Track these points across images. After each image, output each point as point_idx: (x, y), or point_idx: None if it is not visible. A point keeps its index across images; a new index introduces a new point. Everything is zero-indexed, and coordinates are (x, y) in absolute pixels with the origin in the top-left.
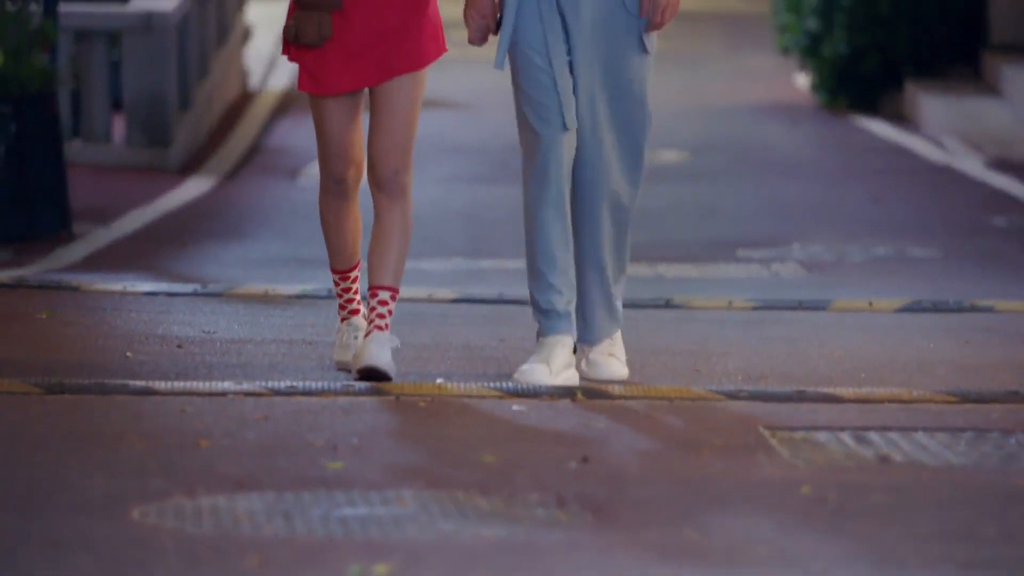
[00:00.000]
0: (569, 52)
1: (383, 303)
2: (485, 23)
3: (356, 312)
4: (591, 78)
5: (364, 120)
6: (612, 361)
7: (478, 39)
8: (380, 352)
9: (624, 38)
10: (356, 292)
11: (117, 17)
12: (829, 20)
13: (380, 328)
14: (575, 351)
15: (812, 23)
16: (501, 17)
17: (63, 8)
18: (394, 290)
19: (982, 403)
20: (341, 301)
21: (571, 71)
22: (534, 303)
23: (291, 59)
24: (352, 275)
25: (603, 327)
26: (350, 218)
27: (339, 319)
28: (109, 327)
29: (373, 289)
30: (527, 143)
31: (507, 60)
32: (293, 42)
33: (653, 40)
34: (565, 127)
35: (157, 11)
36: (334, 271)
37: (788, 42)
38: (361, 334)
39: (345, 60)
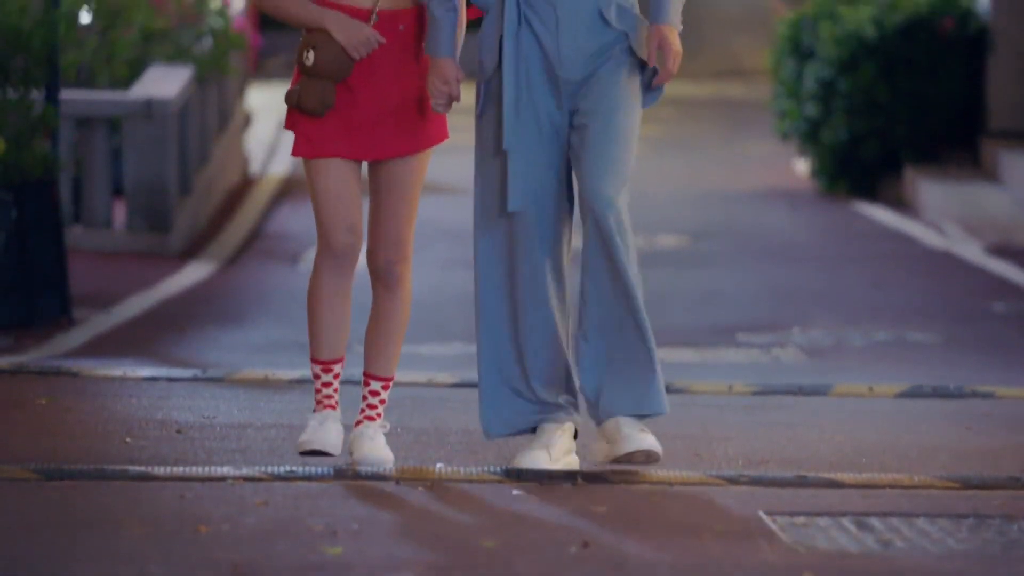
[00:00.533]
0: (558, 107)
1: (375, 393)
2: (447, 91)
3: (333, 407)
4: (583, 129)
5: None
6: (646, 436)
7: (442, 107)
8: (373, 448)
9: (624, 92)
10: (336, 390)
11: (118, 104)
12: (828, 106)
13: (371, 419)
14: (576, 435)
15: (811, 109)
16: (481, 89)
17: (64, 95)
18: (388, 379)
19: (984, 489)
20: (318, 396)
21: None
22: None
23: (288, 126)
24: (336, 369)
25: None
26: (343, 301)
27: (312, 408)
28: (109, 412)
29: (367, 377)
30: None
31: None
32: (295, 108)
33: (640, 93)
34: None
35: (158, 98)
36: (316, 361)
37: (788, 128)
38: (331, 426)
39: (345, 131)
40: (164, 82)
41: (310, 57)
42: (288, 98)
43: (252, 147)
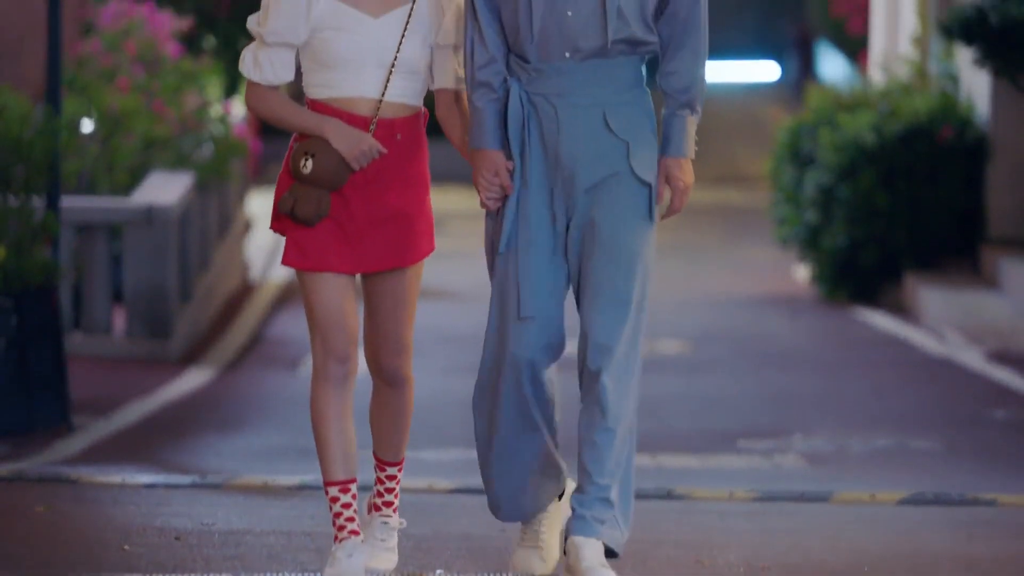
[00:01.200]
0: (568, 219)
1: (392, 477)
2: (499, 182)
3: (356, 533)
4: (589, 246)
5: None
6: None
7: (492, 201)
8: (379, 561)
9: (628, 207)
10: (356, 510)
11: (119, 211)
12: (828, 213)
13: (389, 505)
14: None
15: (811, 215)
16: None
17: (65, 202)
18: (399, 463)
19: None
20: (339, 521)
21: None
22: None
23: (277, 230)
24: (353, 488)
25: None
26: (347, 415)
27: (334, 538)
28: (107, 520)
29: (378, 462)
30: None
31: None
32: (287, 216)
33: (654, 207)
34: (520, 315)
35: (158, 205)
36: (331, 483)
37: (787, 234)
38: (359, 558)
39: (338, 242)
40: (165, 189)
41: (308, 165)
42: (282, 205)
43: (252, 253)
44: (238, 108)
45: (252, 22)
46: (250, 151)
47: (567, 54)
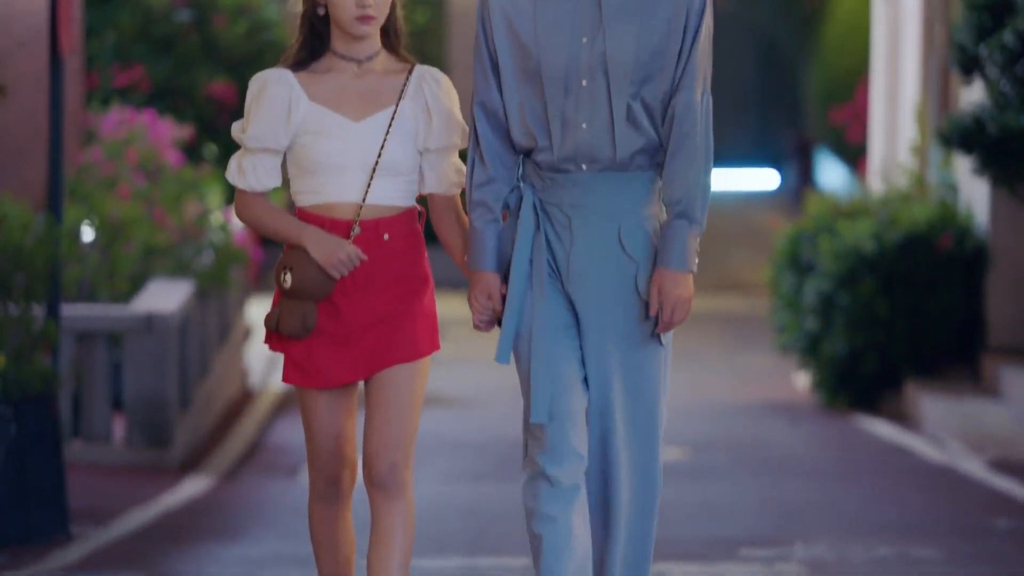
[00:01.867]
0: (580, 342)
1: None
2: (491, 305)
3: None
4: (603, 373)
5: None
6: None
7: (484, 324)
8: None
9: (637, 330)
10: None
11: (119, 319)
12: (828, 320)
13: None
14: None
15: (811, 323)
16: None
17: (65, 310)
18: None
19: None
20: None
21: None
22: None
23: (274, 348)
24: None
25: None
26: (344, 529)
27: None
28: None
29: None
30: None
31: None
32: (274, 331)
33: (668, 335)
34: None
35: (159, 313)
36: None
37: (787, 341)
38: None
39: (334, 351)
40: (165, 296)
41: (287, 279)
42: (267, 321)
43: (251, 360)
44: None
45: (236, 129)
46: (250, 259)
47: (584, 166)
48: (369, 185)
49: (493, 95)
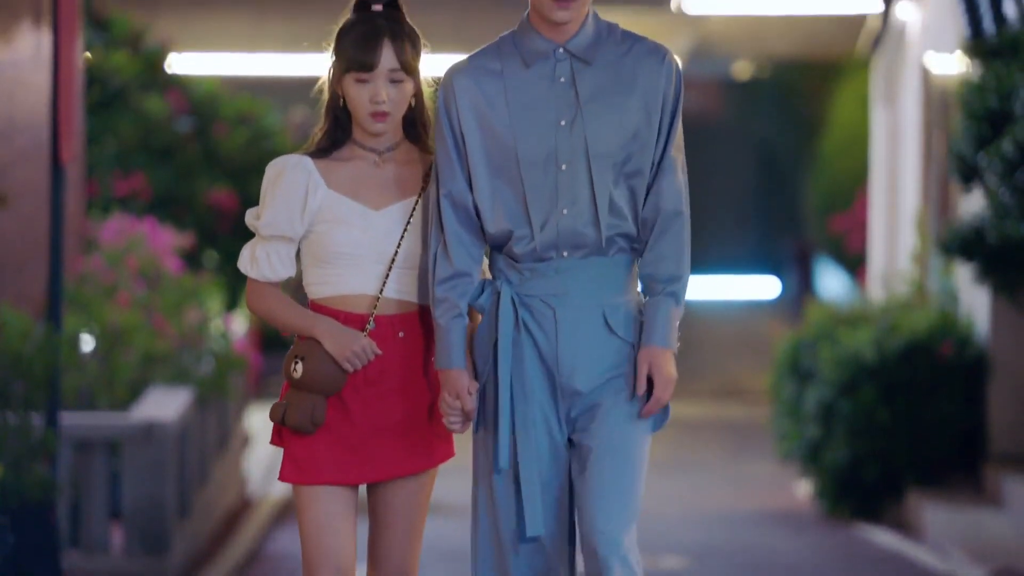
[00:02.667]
0: (564, 427)
1: None
2: (460, 405)
3: None
4: (591, 455)
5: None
6: None
7: (457, 425)
8: None
9: (629, 411)
10: None
11: (118, 428)
12: (828, 428)
13: None
14: None
15: (812, 431)
16: (482, 405)
17: (64, 418)
18: None
19: None
20: None
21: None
22: None
23: (274, 442)
24: None
25: None
26: None
27: None
28: None
29: None
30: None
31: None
32: (280, 424)
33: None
34: (525, 537)
35: (158, 421)
36: None
37: (788, 450)
38: None
39: (338, 452)
40: (164, 404)
41: (298, 369)
42: (273, 413)
43: (250, 467)
44: (239, 323)
45: (250, 216)
46: (250, 366)
47: (565, 252)
48: (387, 278)
49: (460, 185)
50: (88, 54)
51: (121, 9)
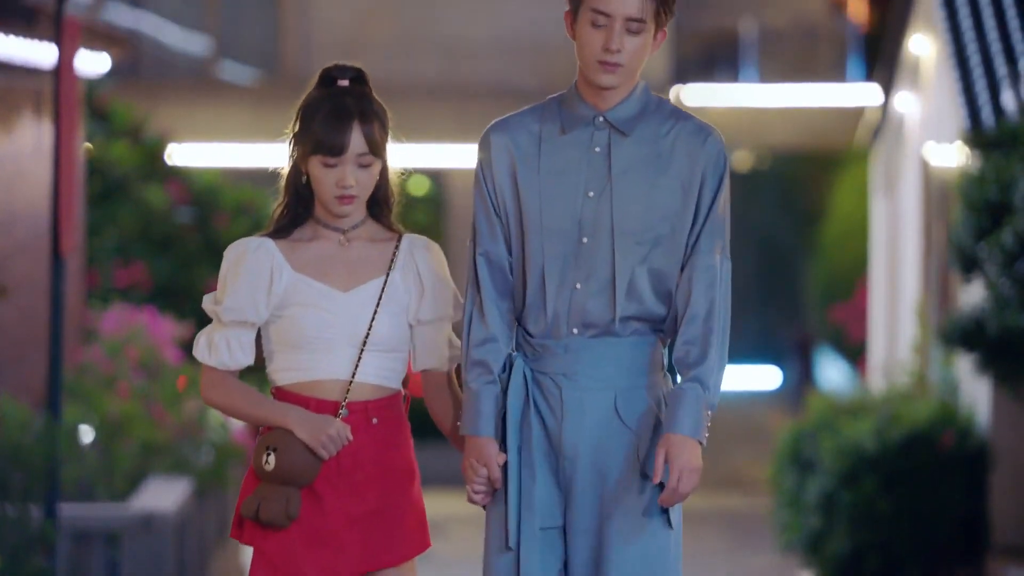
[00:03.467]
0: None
1: None
2: (487, 475)
3: None
4: (598, 564)
5: None
6: None
7: (480, 496)
8: None
9: (639, 512)
10: None
11: (117, 519)
12: (830, 519)
13: None
14: None
15: (813, 521)
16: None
17: (63, 509)
18: None
19: None
20: None
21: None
22: None
23: (245, 541)
24: None
25: None
26: None
27: None
28: None
29: None
30: None
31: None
32: (253, 520)
33: (678, 511)
34: None
35: (157, 512)
36: None
37: (790, 540)
38: None
39: (313, 547)
40: (163, 495)
41: (270, 461)
42: (246, 509)
43: (249, 559)
44: None
45: (208, 301)
46: (249, 456)
47: (575, 330)
48: (359, 362)
49: (500, 247)
50: (89, 145)
51: (122, 100)
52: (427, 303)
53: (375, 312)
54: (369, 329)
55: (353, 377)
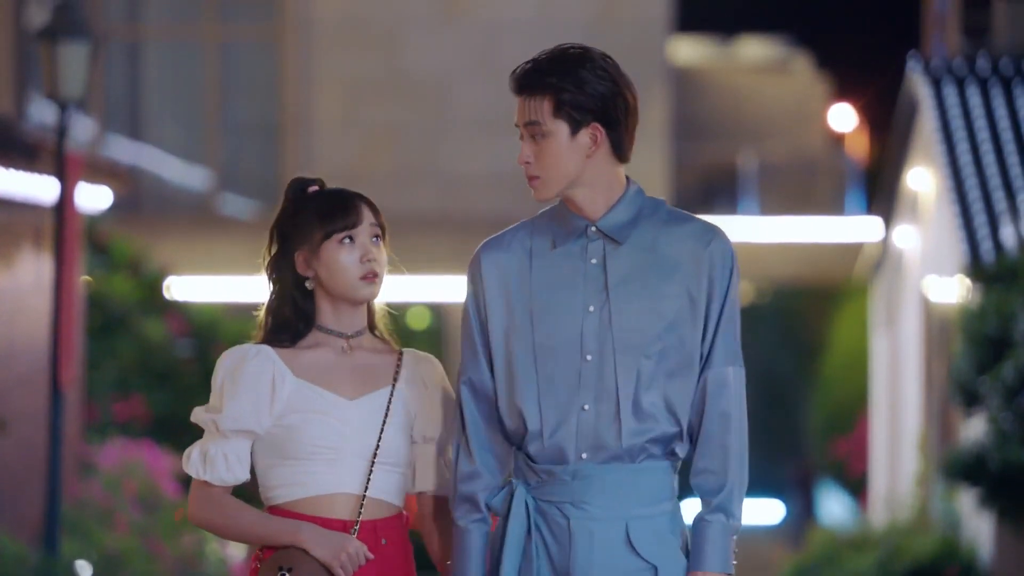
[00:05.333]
0: None
1: None
2: None
3: None
4: None
5: None
6: None
7: None
8: None
9: None
10: None
11: None
12: None
13: None
14: None
15: None
16: None
17: None
18: None
19: None
20: None
21: None
22: None
23: None
24: None
25: None
26: None
27: None
28: None
29: None
30: None
31: None
32: None
33: None
34: None
35: None
36: None
37: None
38: None
39: None
40: None
41: None
42: None
43: None
44: (235, 548)
45: (200, 413)
46: None
47: (584, 455)
48: (370, 475)
49: (483, 374)
50: (89, 278)
51: (121, 233)
52: (432, 420)
53: (384, 423)
54: (379, 440)
55: (366, 492)
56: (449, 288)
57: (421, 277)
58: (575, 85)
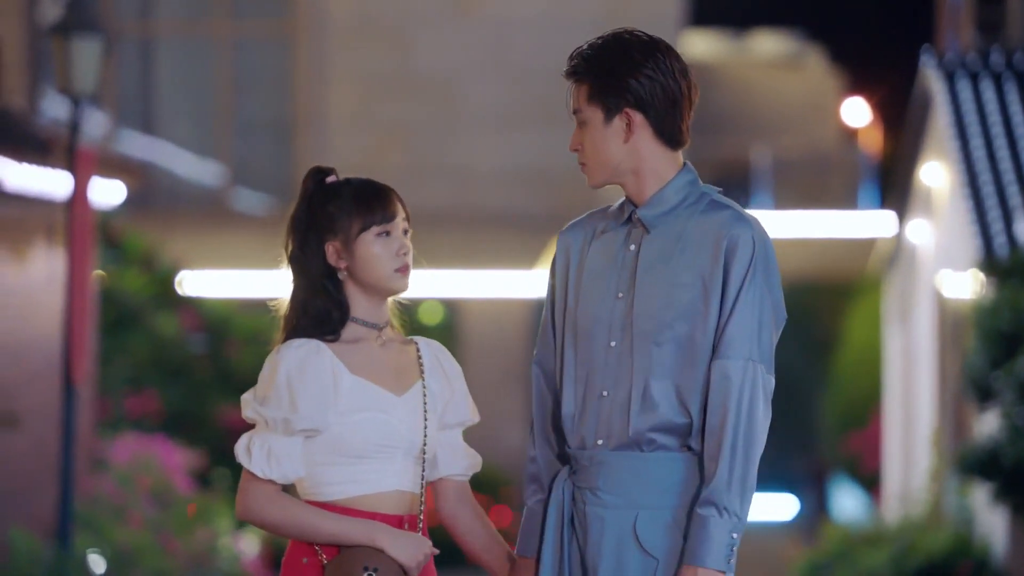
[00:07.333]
0: None
1: None
2: None
3: None
4: None
5: None
6: None
7: None
8: None
9: None
10: None
11: None
12: None
13: None
14: None
15: None
16: None
17: None
18: None
19: None
20: None
21: None
22: None
23: None
24: None
25: None
26: None
27: None
28: None
29: None
30: None
31: None
32: None
33: None
34: None
35: None
36: None
37: None
38: None
39: None
40: None
41: None
42: None
43: None
44: (249, 543)
45: (254, 406)
46: None
47: (599, 441)
48: (424, 473)
49: (550, 354)
50: (102, 273)
51: (134, 228)
52: (453, 406)
53: (425, 417)
54: (425, 435)
55: (423, 488)
56: (461, 283)
57: (433, 272)
58: (606, 71)
